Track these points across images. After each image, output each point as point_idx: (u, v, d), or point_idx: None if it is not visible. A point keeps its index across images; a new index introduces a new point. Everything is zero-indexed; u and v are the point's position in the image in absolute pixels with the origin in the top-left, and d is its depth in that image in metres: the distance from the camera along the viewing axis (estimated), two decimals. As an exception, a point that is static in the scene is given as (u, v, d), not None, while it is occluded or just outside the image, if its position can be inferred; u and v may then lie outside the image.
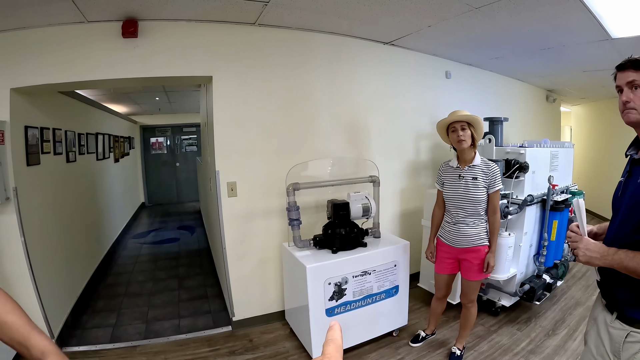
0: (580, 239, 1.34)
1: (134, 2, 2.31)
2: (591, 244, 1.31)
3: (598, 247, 1.29)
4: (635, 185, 1.28)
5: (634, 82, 1.25)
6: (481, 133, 2.44)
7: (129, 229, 6.88)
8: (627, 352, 1.28)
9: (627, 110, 1.27)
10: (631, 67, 1.26)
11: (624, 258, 1.21)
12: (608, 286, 1.37)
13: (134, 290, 4.03)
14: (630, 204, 1.29)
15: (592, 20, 2.72)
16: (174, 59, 2.71)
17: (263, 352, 2.80)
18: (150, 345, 2.93)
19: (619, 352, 1.30)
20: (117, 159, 6.71)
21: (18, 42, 2.49)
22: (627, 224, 1.28)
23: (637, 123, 1.28)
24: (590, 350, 1.44)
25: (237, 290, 3.09)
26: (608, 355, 1.35)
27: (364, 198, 2.85)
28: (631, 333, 1.28)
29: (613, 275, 1.30)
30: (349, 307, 2.60)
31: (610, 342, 1.34)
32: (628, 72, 1.28)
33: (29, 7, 2.21)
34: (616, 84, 1.32)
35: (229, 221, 3.01)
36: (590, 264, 1.32)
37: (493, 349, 2.77)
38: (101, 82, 2.76)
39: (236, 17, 2.69)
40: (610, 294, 1.37)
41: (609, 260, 1.26)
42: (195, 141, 9.77)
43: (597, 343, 1.41)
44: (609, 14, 2.66)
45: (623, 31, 2.95)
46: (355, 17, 2.76)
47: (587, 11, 2.55)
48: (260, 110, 3.01)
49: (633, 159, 1.34)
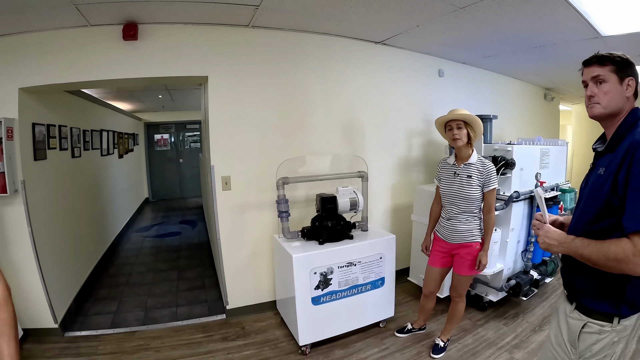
0: (542, 226, 1.38)
1: (133, 7, 2.45)
2: (551, 231, 1.35)
3: (557, 235, 1.34)
4: (595, 176, 1.34)
5: (598, 77, 1.32)
6: (479, 132, 2.47)
7: (133, 223, 7.07)
8: (584, 343, 1.33)
9: (591, 105, 1.34)
10: (596, 62, 1.33)
11: (579, 245, 1.25)
12: (568, 276, 1.42)
13: (135, 280, 4.20)
14: (590, 194, 1.34)
15: (580, 19, 2.74)
16: (172, 60, 2.85)
17: (254, 338, 2.94)
18: (148, 330, 3.09)
19: (576, 342, 1.34)
20: (122, 155, 6.89)
21: (26, 45, 2.64)
22: (587, 214, 1.33)
23: (600, 117, 1.34)
24: (550, 340, 1.49)
25: (231, 279, 3.23)
26: (566, 345, 1.39)
27: (352, 192, 2.96)
28: (588, 324, 1.32)
29: (573, 265, 1.35)
30: (335, 296, 2.72)
31: (568, 332, 1.38)
32: (593, 67, 1.34)
33: (36, 12, 2.36)
34: (582, 79, 1.38)
35: (223, 213, 3.16)
36: (550, 250, 1.37)
37: (477, 342, 2.84)
38: (104, 82, 2.92)
39: (230, 20, 2.82)
40: (570, 284, 1.42)
41: (565, 247, 1.30)
42: (198, 138, 9.93)
43: (557, 333, 1.45)
44: (596, 12, 2.67)
45: (613, 29, 2.97)
46: (344, 19, 2.87)
47: (573, 9, 2.57)
48: (254, 108, 3.14)
49: (596, 152, 1.41)
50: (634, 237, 1.12)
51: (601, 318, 1.29)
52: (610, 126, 1.34)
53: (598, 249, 1.19)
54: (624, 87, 1.29)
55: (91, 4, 2.36)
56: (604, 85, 1.30)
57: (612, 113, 1.32)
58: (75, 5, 2.32)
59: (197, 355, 2.73)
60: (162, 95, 6.68)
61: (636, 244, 1.11)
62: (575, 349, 1.35)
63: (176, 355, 2.73)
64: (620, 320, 1.28)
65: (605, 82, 1.30)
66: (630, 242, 1.13)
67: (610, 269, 1.18)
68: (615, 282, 1.24)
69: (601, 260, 1.18)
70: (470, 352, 2.72)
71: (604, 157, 1.33)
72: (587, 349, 1.32)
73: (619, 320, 1.27)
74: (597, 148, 1.41)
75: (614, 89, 1.29)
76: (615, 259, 1.15)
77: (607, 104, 1.30)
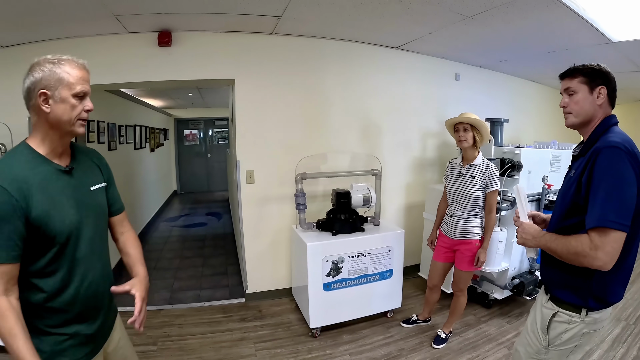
0: (521, 223, 1.50)
1: (168, 17, 2.74)
2: (527, 227, 1.47)
3: (532, 230, 1.45)
4: (567, 177, 1.46)
5: (569, 89, 1.43)
6: (486, 136, 2.59)
7: (161, 213, 7.50)
8: (555, 331, 1.44)
9: (565, 115, 1.45)
10: (568, 75, 1.44)
11: (549, 240, 1.37)
12: (543, 268, 1.53)
13: (163, 265, 4.56)
14: (561, 194, 1.47)
15: (587, 26, 2.79)
16: (202, 64, 3.14)
17: (269, 321, 3.20)
18: (173, 309, 3.41)
19: (546, 329, 1.46)
20: (153, 149, 7.31)
21: (71, 49, 2.92)
22: (558, 212, 1.45)
23: (573, 125, 1.45)
24: (527, 326, 1.62)
25: (251, 266, 3.51)
26: (538, 332, 1.50)
27: (366, 189, 3.16)
28: (558, 313, 1.42)
29: (547, 258, 1.46)
30: (345, 284, 2.94)
31: (541, 320, 1.49)
32: (565, 80, 1.45)
33: (80, 21, 2.69)
34: (560, 91, 1.50)
35: (246, 204, 3.43)
36: (525, 244, 1.48)
37: (479, 337, 2.96)
38: (140, 83, 3.24)
39: (255, 28, 3.08)
40: (545, 276, 1.53)
41: (537, 241, 1.42)
42: (226, 134, 10.30)
43: (532, 321, 1.57)
44: (604, 19, 2.71)
45: (623, 35, 2.99)
46: (360, 27, 3.08)
47: (578, 17, 2.63)
48: (277, 108, 3.39)
49: (573, 156, 1.52)
50: (591, 233, 1.23)
51: (570, 309, 1.39)
52: (586, 133, 1.44)
53: (563, 243, 1.31)
54: (595, 96, 1.38)
55: (130, 15, 2.67)
56: (575, 96, 1.41)
57: (584, 121, 1.42)
58: (116, 16, 2.64)
59: (217, 333, 3.02)
60: (192, 93, 7.04)
61: (593, 239, 1.21)
62: (546, 335, 1.46)
63: (197, 332, 3.03)
64: (588, 313, 1.36)
65: (576, 93, 1.41)
66: (589, 237, 1.23)
67: (573, 262, 1.29)
68: (582, 275, 1.34)
69: (565, 254, 1.30)
70: (471, 345, 2.85)
71: (578, 160, 1.43)
72: (557, 337, 1.43)
73: (586, 312, 1.36)
74: (574, 152, 1.52)
75: (583, 99, 1.39)
76: (575, 253, 1.26)
77: (578, 112, 1.41)
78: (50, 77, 1.15)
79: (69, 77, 1.16)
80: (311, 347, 2.82)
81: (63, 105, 1.16)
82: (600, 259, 1.20)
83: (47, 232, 1.12)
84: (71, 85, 1.16)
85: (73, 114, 1.18)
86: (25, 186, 1.09)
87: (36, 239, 1.11)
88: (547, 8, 2.51)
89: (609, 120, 1.40)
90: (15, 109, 2.92)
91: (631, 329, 2.99)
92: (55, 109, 1.15)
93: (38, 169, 1.15)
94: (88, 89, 1.23)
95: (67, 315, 1.20)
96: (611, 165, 1.23)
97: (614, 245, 1.20)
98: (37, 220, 1.09)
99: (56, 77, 1.15)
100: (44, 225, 1.10)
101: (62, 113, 1.16)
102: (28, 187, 1.09)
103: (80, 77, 1.19)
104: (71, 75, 1.17)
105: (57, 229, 1.13)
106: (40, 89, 1.14)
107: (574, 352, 1.44)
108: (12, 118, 2.83)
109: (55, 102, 1.15)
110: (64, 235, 1.16)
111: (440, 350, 2.79)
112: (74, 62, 1.21)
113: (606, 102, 1.40)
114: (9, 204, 1.05)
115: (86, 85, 1.22)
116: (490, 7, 2.53)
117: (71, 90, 1.16)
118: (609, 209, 1.20)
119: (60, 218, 1.15)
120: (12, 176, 1.08)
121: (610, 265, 1.22)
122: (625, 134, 1.34)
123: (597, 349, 2.70)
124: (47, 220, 1.11)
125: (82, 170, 1.31)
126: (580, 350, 1.45)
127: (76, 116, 1.19)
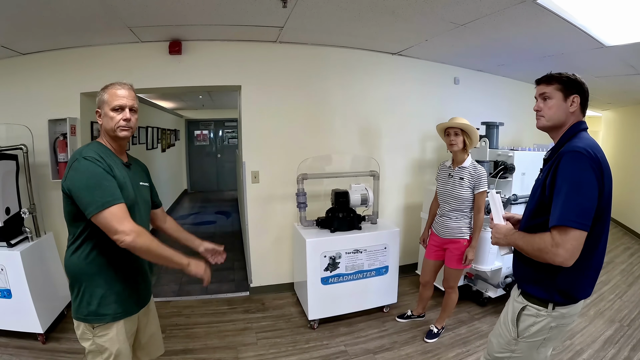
0: (494, 225, 1.60)
1: (178, 28, 2.96)
2: (499, 227, 1.56)
3: (504, 229, 1.55)
4: (537, 179, 1.55)
5: (544, 94, 1.50)
6: (474, 140, 2.73)
7: (172, 212, 7.74)
8: (524, 324, 1.52)
9: (537, 117, 1.54)
10: (545, 81, 1.51)
11: (517, 237, 1.47)
12: (515, 265, 1.62)
13: (173, 260, 4.76)
14: (530, 195, 1.56)
15: (578, 32, 2.84)
16: (211, 72, 3.37)
17: (271, 313, 3.39)
18: (182, 301, 3.63)
19: (515, 321, 1.54)
20: (164, 149, 7.56)
21: (86, 56, 3.23)
22: (527, 211, 1.54)
23: (544, 128, 1.53)
24: (500, 319, 1.71)
25: (255, 261, 3.71)
26: (509, 324, 1.58)
27: (364, 189, 3.32)
28: (527, 307, 1.50)
29: (518, 255, 1.55)
30: (342, 278, 3.11)
31: (512, 313, 1.57)
32: (541, 85, 1.52)
33: (96, 31, 2.92)
34: (535, 95, 1.58)
35: (251, 203, 3.63)
36: (498, 243, 1.58)
37: (471, 333, 3.07)
38: (152, 89, 3.46)
39: (260, 37, 3.28)
40: (516, 272, 1.62)
41: (508, 239, 1.51)
42: (236, 134, 10.44)
43: (505, 313, 1.65)
44: (595, 25, 2.77)
45: (616, 39, 3.03)
46: (359, 35, 3.24)
47: (568, 24, 2.70)
48: (281, 113, 3.59)
49: (544, 159, 1.59)
50: (553, 231, 1.31)
51: (538, 303, 1.47)
52: (556, 137, 1.53)
53: (528, 241, 1.41)
54: (568, 104, 1.46)
55: (143, 27, 2.88)
56: (549, 101, 1.49)
57: (555, 125, 1.50)
58: (130, 27, 2.85)
59: (222, 322, 3.22)
60: (203, 95, 7.27)
61: (554, 237, 1.30)
62: (516, 327, 1.54)
63: (204, 321, 3.23)
64: (555, 307, 1.44)
65: (551, 98, 1.48)
66: (550, 235, 1.32)
67: (537, 258, 1.38)
68: (548, 271, 1.41)
69: (530, 250, 1.40)
70: (462, 340, 2.96)
71: (547, 164, 1.52)
72: (526, 329, 1.51)
73: (553, 306, 1.44)
74: (545, 156, 1.61)
75: (557, 105, 1.47)
76: (538, 249, 1.35)
77: (550, 117, 1.49)
78: (100, 101, 1.58)
79: (109, 97, 1.55)
80: (309, 338, 2.99)
81: (106, 118, 1.55)
82: (560, 255, 1.29)
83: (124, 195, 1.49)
84: (109, 102, 1.54)
85: (112, 123, 1.54)
86: (108, 161, 1.49)
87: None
88: (536, 16, 2.60)
89: (577, 126, 1.48)
90: (35, 111, 3.20)
91: (624, 331, 3.07)
92: (103, 121, 1.57)
93: (111, 157, 1.55)
94: (124, 102, 1.55)
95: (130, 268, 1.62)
96: (572, 168, 1.32)
97: (573, 243, 1.28)
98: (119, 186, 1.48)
99: (102, 100, 1.57)
100: (123, 189, 1.49)
101: (106, 123, 1.56)
102: (109, 164, 1.48)
103: (116, 95, 1.54)
104: (110, 95, 1.55)
105: (125, 196, 1.49)
106: (96, 109, 1.60)
107: (543, 345, 1.53)
108: (32, 120, 3.07)
109: (103, 116, 1.57)
110: (129, 202, 1.50)
111: (432, 344, 2.92)
112: (116, 85, 1.58)
113: (578, 110, 1.48)
114: (102, 168, 1.44)
115: (122, 100, 1.55)
116: (480, 16, 2.66)
117: (109, 106, 1.54)
118: (570, 208, 1.29)
119: (127, 191, 1.53)
120: (100, 154, 1.49)
121: (570, 261, 1.30)
122: (593, 139, 1.44)
123: (587, 348, 2.80)
124: (123, 187, 1.50)
125: (135, 169, 1.72)
126: (549, 344, 1.54)
127: (116, 124, 1.54)
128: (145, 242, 1.44)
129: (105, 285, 1.53)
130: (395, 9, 2.57)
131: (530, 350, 1.54)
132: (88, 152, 1.46)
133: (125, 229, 1.38)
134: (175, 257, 1.54)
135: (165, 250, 1.50)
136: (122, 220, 1.39)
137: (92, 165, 1.42)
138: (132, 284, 1.64)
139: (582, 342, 2.89)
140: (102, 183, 1.41)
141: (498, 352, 1.65)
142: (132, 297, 1.64)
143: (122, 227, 1.38)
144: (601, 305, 3.54)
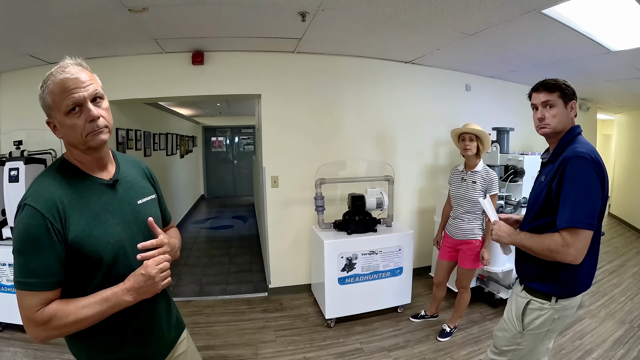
0: (496, 222, 1.67)
1: (201, 40, 3.15)
2: (502, 226, 1.63)
3: (506, 229, 1.62)
4: (538, 182, 1.63)
5: (547, 102, 1.54)
6: (487, 146, 2.84)
7: (190, 216, 7.97)
8: (529, 317, 1.60)
9: (542, 126, 1.58)
10: (544, 89, 1.54)
11: (523, 238, 1.54)
12: (518, 263, 1.71)
13: (192, 262, 4.97)
14: (533, 197, 1.64)
15: (584, 38, 2.91)
16: (232, 81, 3.54)
17: (289, 313, 3.52)
18: (202, 301, 3.80)
19: (521, 316, 1.62)
20: (182, 155, 7.79)
21: (113, 66, 3.41)
22: (530, 213, 1.62)
23: (548, 135, 1.60)
24: (504, 314, 1.77)
25: (274, 262, 3.86)
26: (514, 319, 1.66)
27: (379, 193, 3.44)
28: (531, 301, 1.59)
29: (521, 254, 1.63)
30: (358, 279, 3.22)
31: (516, 308, 1.65)
32: (541, 93, 1.55)
33: (122, 43, 3.11)
34: (531, 102, 1.61)
35: (271, 206, 3.79)
36: (500, 241, 1.65)
37: (482, 332, 3.12)
38: (175, 98, 3.65)
39: (278, 48, 3.45)
40: (520, 270, 1.70)
41: (512, 239, 1.58)
42: (252, 141, 10.73)
43: (508, 309, 1.73)
44: (600, 31, 2.83)
45: (622, 44, 3.09)
46: (373, 45, 3.39)
47: (574, 31, 2.77)
48: (299, 120, 3.75)
49: (542, 162, 1.68)
50: (563, 232, 1.40)
51: (541, 297, 1.56)
52: (554, 141, 1.60)
53: (537, 241, 1.48)
54: (569, 110, 1.55)
55: (168, 39, 3.07)
56: (553, 109, 1.54)
57: (558, 131, 1.56)
58: (155, 39, 3.04)
59: (241, 321, 3.36)
60: (220, 103, 7.49)
61: (564, 238, 1.39)
62: (521, 322, 1.62)
63: (223, 320, 3.38)
64: (557, 300, 1.54)
65: (554, 106, 1.53)
66: (560, 236, 1.40)
67: (546, 257, 1.46)
68: (551, 268, 1.50)
69: (539, 250, 1.47)
70: (474, 339, 3.04)
71: (547, 166, 1.60)
72: (531, 322, 1.59)
73: (556, 299, 1.54)
74: (543, 159, 1.69)
75: (561, 112, 1.54)
76: (549, 249, 1.43)
77: (556, 125, 1.54)
78: (45, 106, 1.03)
79: (54, 98, 1.00)
80: (326, 336, 3.11)
81: (65, 129, 1.03)
82: (571, 254, 1.38)
83: (91, 254, 1.02)
84: (58, 104, 1.00)
85: (76, 134, 1.02)
86: (61, 206, 0.99)
87: (80, 263, 1.01)
88: (542, 25, 2.70)
89: (574, 130, 1.56)
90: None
91: (634, 332, 3.10)
92: (62, 135, 1.05)
93: (77, 185, 1.05)
94: (81, 94, 1.01)
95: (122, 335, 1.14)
96: (579, 173, 1.41)
97: (583, 242, 1.38)
98: (77, 243, 0.99)
99: (47, 104, 1.02)
100: (86, 247, 1.00)
101: (68, 136, 1.04)
102: (64, 207, 0.99)
103: (65, 88, 1.00)
104: (55, 93, 1.00)
105: (102, 250, 1.03)
106: (46, 120, 1.06)
107: (547, 337, 1.64)
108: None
109: (59, 128, 1.04)
110: (111, 256, 1.05)
111: (444, 343, 3.00)
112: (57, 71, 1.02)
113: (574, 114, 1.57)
114: (42, 227, 0.94)
115: (77, 92, 1.01)
116: (489, 26, 2.77)
117: (60, 110, 1.00)
118: (579, 211, 1.38)
119: (105, 238, 1.05)
120: (46, 196, 0.98)
121: (580, 259, 1.40)
122: (590, 143, 1.53)
123: (597, 348, 2.85)
124: (90, 242, 1.01)
125: (127, 182, 1.21)
126: (552, 335, 1.65)
127: (81, 133, 1.02)
128: (61, 330, 0.98)
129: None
130: (407, 21, 2.70)
131: (535, 341, 1.64)
132: (33, 194, 0.99)
133: (31, 333, 0.97)
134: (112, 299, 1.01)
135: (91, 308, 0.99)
136: (29, 318, 0.96)
137: (29, 221, 0.95)
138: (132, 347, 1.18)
139: (592, 342, 2.94)
140: (27, 252, 0.95)
141: (504, 345, 1.73)
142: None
143: (28, 328, 0.97)
144: (612, 307, 3.57)
